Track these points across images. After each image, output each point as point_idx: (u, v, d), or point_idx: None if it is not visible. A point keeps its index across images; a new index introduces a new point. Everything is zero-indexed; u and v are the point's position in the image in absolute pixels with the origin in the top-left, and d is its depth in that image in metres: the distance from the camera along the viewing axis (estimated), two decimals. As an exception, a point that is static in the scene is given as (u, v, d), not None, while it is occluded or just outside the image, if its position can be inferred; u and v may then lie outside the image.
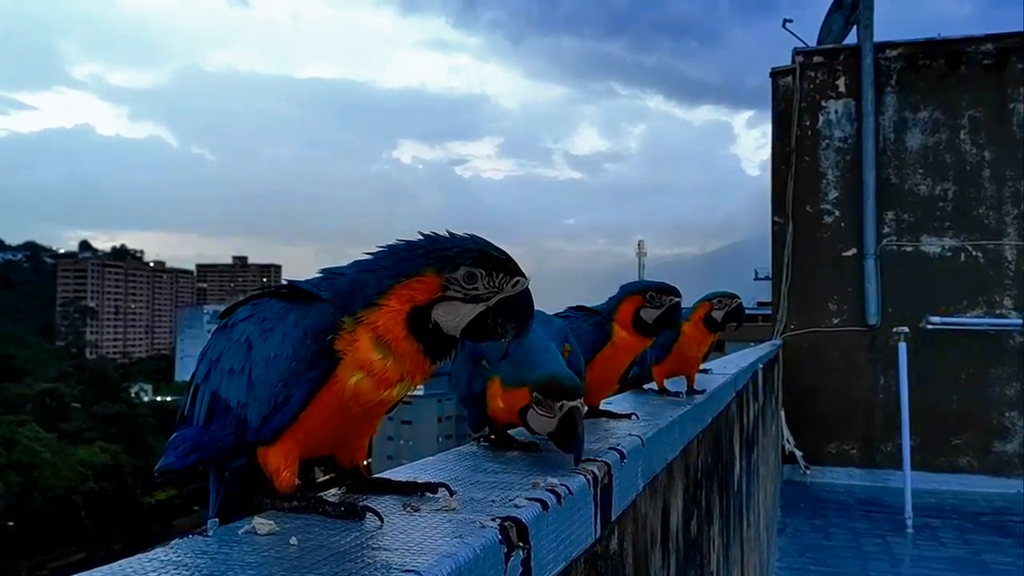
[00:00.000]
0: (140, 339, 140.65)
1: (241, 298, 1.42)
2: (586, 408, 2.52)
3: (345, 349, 1.23)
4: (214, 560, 0.94)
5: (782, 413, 10.41)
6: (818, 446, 10.90)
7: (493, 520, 1.12)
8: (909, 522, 8.53)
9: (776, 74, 11.61)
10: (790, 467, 10.69)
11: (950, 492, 10.08)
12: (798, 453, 10.60)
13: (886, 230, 10.95)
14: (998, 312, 10.52)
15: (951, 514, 9.22)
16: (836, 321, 11.09)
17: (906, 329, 9.01)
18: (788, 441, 10.56)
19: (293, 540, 1.00)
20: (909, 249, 10.90)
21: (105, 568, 0.88)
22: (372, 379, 1.23)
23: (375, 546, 1.00)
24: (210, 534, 1.04)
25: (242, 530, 1.06)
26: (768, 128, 11.73)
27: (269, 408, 1.25)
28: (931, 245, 10.86)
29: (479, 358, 1.92)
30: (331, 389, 1.23)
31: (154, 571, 0.89)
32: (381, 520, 1.11)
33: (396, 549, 0.98)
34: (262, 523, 1.06)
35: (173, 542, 1.00)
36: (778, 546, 7.93)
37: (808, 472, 10.63)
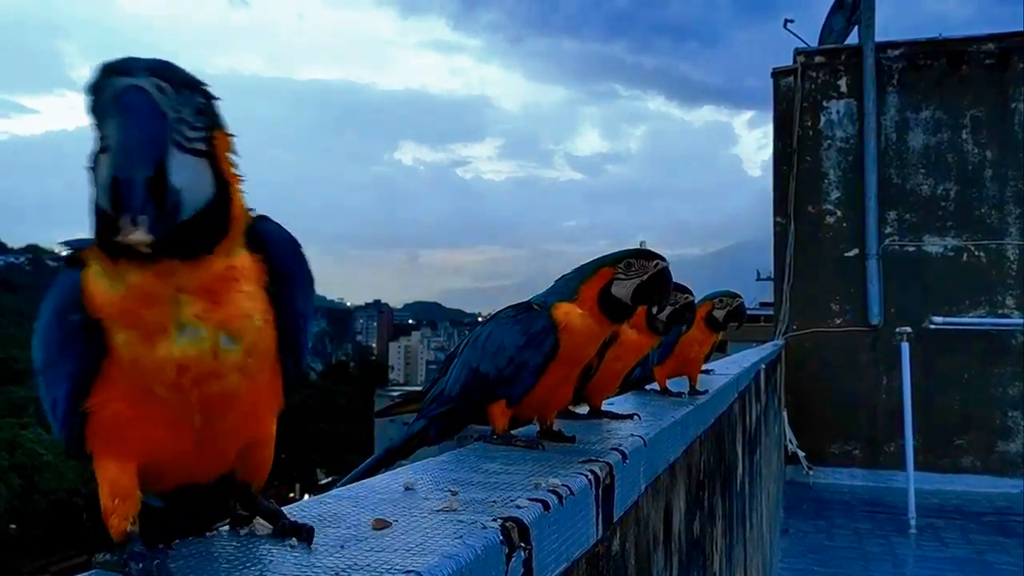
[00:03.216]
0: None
1: None
2: (587, 409, 2.51)
3: (104, 312, 0.91)
4: (216, 561, 0.94)
5: (785, 414, 10.41)
6: (821, 447, 10.89)
7: (494, 520, 1.11)
8: (912, 522, 8.52)
9: (778, 74, 11.61)
10: (793, 468, 10.68)
11: (953, 492, 10.07)
12: (801, 454, 10.59)
13: (888, 230, 10.95)
14: (1000, 312, 10.52)
15: (954, 514, 9.21)
16: (838, 321, 11.08)
17: (909, 329, 9.00)
18: (791, 442, 10.55)
19: (293, 541, 1.00)
20: (911, 249, 10.90)
21: None
22: (138, 329, 0.90)
23: (376, 547, 1.00)
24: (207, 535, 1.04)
25: (243, 532, 1.06)
26: (769, 129, 11.74)
27: (52, 416, 0.99)
28: (933, 245, 10.85)
29: (528, 306, 1.95)
30: (113, 366, 0.93)
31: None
32: None
33: (397, 550, 0.98)
34: (263, 525, 1.07)
35: (175, 544, 1.00)
36: (781, 547, 7.92)
37: (811, 473, 10.62)
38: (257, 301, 0.96)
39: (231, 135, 0.95)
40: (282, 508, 1.11)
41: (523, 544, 1.12)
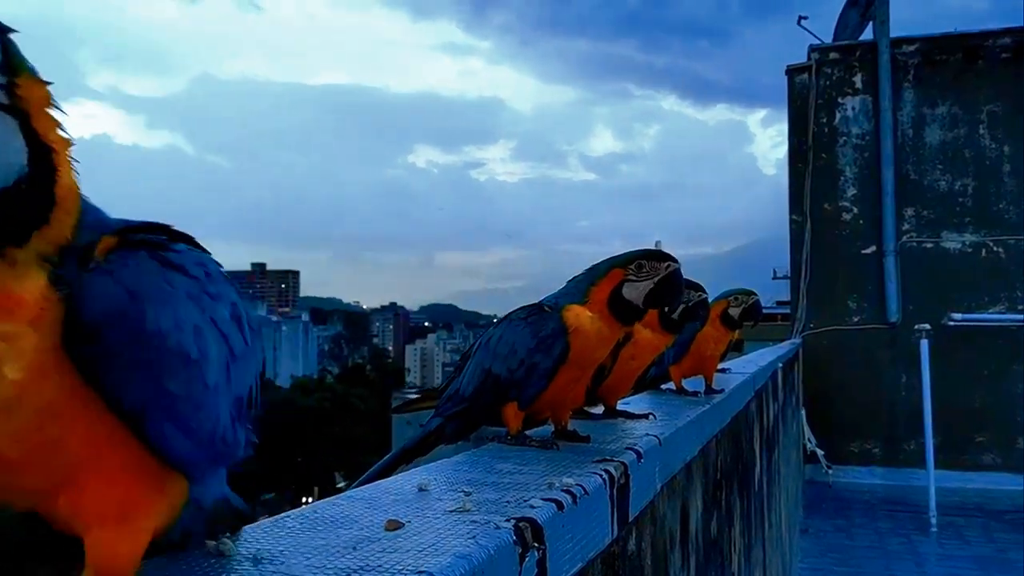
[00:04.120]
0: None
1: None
2: (602, 408, 2.51)
3: None
4: (229, 562, 0.94)
5: (803, 412, 10.35)
6: (840, 445, 10.83)
7: (508, 521, 1.11)
8: (933, 521, 8.46)
9: (792, 71, 11.56)
10: (812, 467, 10.61)
11: (974, 490, 9.99)
12: (820, 452, 10.53)
13: (905, 227, 10.88)
14: (1020, 308, 10.42)
15: (975, 512, 9.13)
16: (856, 319, 11.01)
17: (927, 326, 8.94)
18: (809, 440, 10.49)
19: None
20: (929, 246, 10.82)
21: None
22: None
23: (389, 548, 1.00)
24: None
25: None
26: (784, 126, 11.68)
27: None
28: (951, 241, 10.77)
29: (539, 308, 1.93)
30: None
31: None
32: None
33: (409, 550, 0.98)
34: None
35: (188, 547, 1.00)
36: (801, 547, 7.87)
37: (830, 472, 10.55)
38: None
39: (47, 83, 0.70)
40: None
41: (537, 544, 1.12)
